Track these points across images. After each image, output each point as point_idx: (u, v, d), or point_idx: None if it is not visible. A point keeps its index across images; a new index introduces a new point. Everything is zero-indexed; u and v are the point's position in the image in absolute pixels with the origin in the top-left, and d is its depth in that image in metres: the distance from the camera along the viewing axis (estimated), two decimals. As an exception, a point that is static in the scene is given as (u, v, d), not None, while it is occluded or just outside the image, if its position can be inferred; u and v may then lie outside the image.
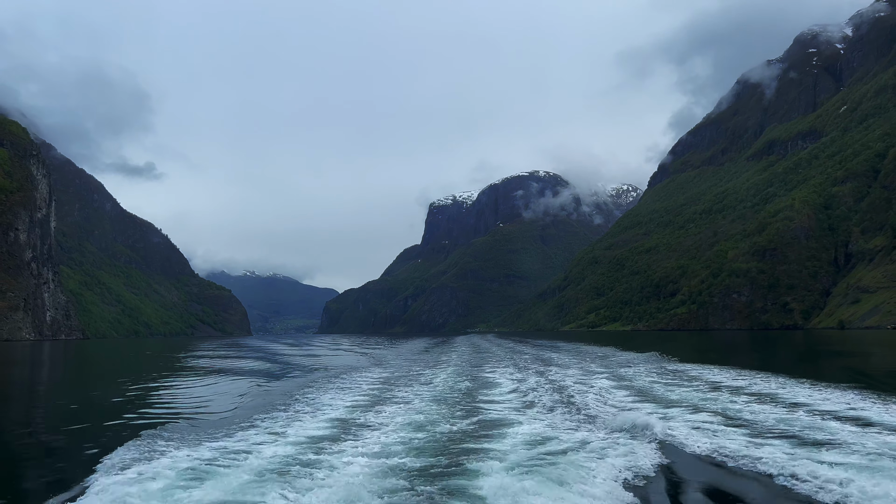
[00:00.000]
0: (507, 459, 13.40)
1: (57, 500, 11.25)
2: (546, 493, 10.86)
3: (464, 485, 11.64)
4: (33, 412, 25.78)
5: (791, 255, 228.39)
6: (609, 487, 11.33)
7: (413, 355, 60.51)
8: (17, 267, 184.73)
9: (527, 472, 12.14)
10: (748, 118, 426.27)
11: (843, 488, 11.00)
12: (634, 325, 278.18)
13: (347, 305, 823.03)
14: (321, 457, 13.86)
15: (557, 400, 23.15)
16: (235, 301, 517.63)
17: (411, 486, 11.59)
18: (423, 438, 16.07)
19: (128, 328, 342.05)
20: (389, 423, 18.52)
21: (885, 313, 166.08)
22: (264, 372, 42.32)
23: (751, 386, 26.60)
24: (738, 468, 12.69)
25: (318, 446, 15.08)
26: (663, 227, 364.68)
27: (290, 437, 16.31)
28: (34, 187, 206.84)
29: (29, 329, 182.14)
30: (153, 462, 13.23)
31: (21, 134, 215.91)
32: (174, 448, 14.72)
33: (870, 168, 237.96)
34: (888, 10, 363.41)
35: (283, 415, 20.24)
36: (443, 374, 35.90)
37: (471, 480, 11.88)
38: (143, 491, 11.14)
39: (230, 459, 13.53)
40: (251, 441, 15.65)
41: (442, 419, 19.22)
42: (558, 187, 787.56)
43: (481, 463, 13.11)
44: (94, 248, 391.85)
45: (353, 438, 16.06)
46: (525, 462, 13.07)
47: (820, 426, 16.64)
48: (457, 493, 11.10)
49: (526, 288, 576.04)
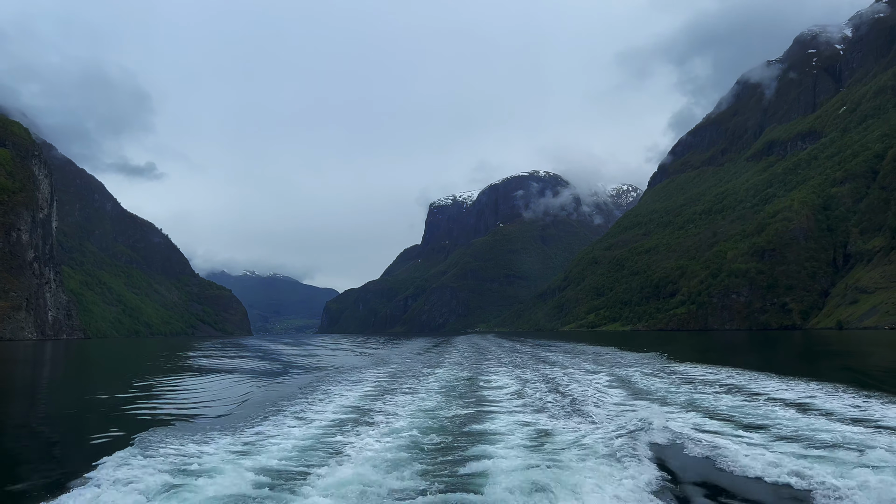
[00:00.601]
0: (508, 459, 13.42)
1: (57, 499, 11.19)
2: (547, 492, 10.85)
3: (464, 485, 11.65)
4: (35, 410, 26.02)
5: (790, 255, 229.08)
6: (610, 487, 11.31)
7: (414, 355, 60.36)
8: (20, 267, 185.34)
9: (527, 472, 12.13)
10: (748, 119, 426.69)
11: (844, 488, 10.95)
12: (634, 326, 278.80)
13: (348, 305, 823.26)
14: (321, 456, 13.89)
15: (558, 399, 23.16)
16: (236, 301, 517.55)
17: (412, 486, 11.55)
18: (425, 438, 16.08)
19: (128, 328, 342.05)
20: (391, 422, 18.52)
21: (883, 313, 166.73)
22: (265, 371, 42.42)
23: (751, 386, 26.64)
24: (739, 468, 12.64)
25: (319, 446, 15.15)
26: (663, 227, 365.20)
27: (293, 436, 16.39)
28: (36, 188, 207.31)
29: (31, 329, 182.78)
30: (156, 460, 13.30)
31: (23, 134, 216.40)
32: (178, 446, 14.79)
33: (868, 169, 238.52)
34: (888, 11, 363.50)
35: (285, 414, 20.25)
36: (444, 374, 35.99)
37: (472, 480, 11.87)
38: (146, 489, 11.22)
39: (232, 458, 13.59)
40: (254, 440, 15.74)
41: (443, 419, 19.29)
42: (558, 187, 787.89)
43: (482, 463, 13.14)
44: (95, 247, 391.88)
45: (354, 438, 16.04)
46: (525, 462, 13.07)
47: (819, 425, 16.68)
48: (457, 494, 11.03)
49: (526, 288, 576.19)
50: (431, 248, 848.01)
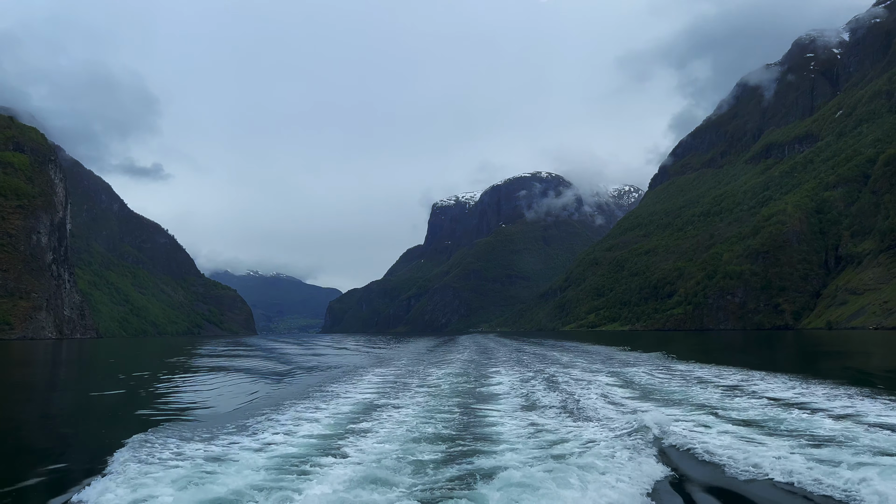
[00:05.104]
0: (509, 459, 13.46)
1: (63, 497, 11.31)
2: (548, 492, 10.82)
3: (465, 484, 11.67)
4: (51, 406, 26.74)
5: (783, 258, 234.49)
6: (612, 487, 11.29)
7: (419, 354, 60.66)
8: (40, 269, 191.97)
9: (528, 471, 12.08)
10: (747, 121, 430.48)
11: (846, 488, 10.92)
12: (633, 326, 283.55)
13: (351, 305, 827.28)
14: (323, 455, 14.07)
15: (560, 399, 23.15)
16: (240, 301, 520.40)
17: (412, 486, 11.66)
18: (426, 437, 16.16)
19: (136, 327, 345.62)
20: (393, 421, 18.65)
21: (870, 314, 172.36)
22: (272, 371, 42.61)
23: (751, 385, 26.47)
24: (742, 468, 12.57)
25: (320, 445, 15.25)
26: (663, 228, 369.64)
27: (297, 434, 16.60)
28: (53, 191, 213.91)
29: (51, 328, 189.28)
30: (161, 458, 13.55)
31: (39, 139, 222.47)
32: (183, 444, 15.05)
33: (861, 173, 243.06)
34: (885, 16, 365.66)
35: (290, 413, 20.35)
36: (448, 372, 36.36)
37: (472, 480, 11.90)
38: (151, 486, 11.46)
39: (237, 456, 13.83)
40: (260, 438, 15.94)
41: (444, 418, 19.35)
42: (560, 188, 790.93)
43: (483, 462, 13.18)
44: (102, 248, 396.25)
45: (357, 437, 16.15)
46: (528, 462, 13.06)
47: (820, 425, 16.74)
48: (458, 494, 11.06)
49: (528, 288, 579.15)
50: (434, 249, 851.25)
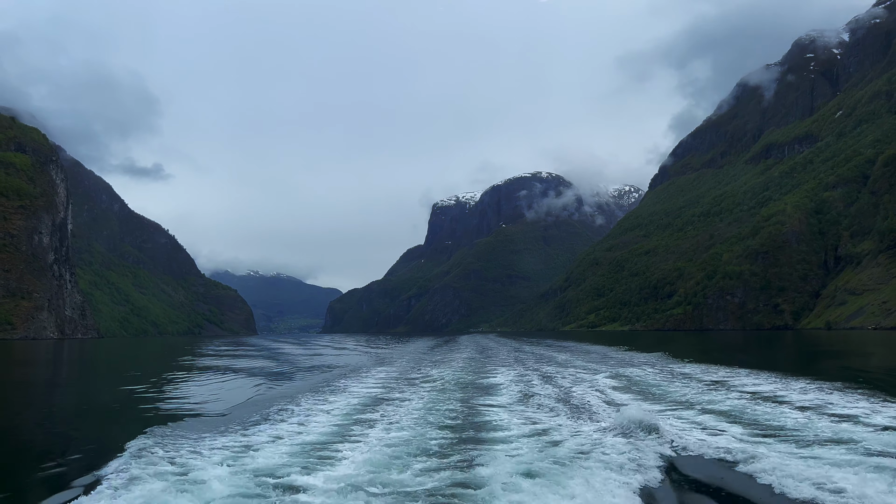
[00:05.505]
0: (510, 458, 13.45)
1: (64, 497, 11.32)
2: (549, 492, 10.83)
3: (465, 485, 11.66)
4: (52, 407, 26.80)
5: (782, 258, 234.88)
6: (612, 487, 11.29)
7: (420, 354, 60.89)
8: (42, 269, 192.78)
9: (529, 471, 12.13)
10: (747, 121, 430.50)
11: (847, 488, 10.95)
12: (632, 326, 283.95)
13: (351, 305, 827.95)
14: (323, 455, 14.15)
15: (560, 398, 23.26)
16: (241, 301, 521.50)
17: (413, 485, 11.63)
18: (426, 437, 16.20)
19: (136, 327, 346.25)
20: (393, 421, 18.73)
21: (869, 314, 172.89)
22: (272, 371, 42.83)
23: (751, 385, 26.60)
24: (742, 468, 12.63)
25: (320, 445, 15.29)
26: (663, 229, 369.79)
27: (297, 434, 16.67)
28: (54, 192, 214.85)
29: (52, 328, 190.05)
30: (161, 458, 13.54)
31: (41, 140, 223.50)
32: (183, 444, 15.10)
33: (860, 174, 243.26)
34: (885, 16, 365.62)
35: (290, 413, 20.43)
36: (448, 372, 36.41)
37: (472, 480, 11.88)
38: (150, 486, 11.41)
39: (237, 456, 13.82)
40: (259, 439, 16.00)
41: (445, 418, 19.42)
42: (561, 188, 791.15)
43: (483, 462, 13.18)
44: (103, 248, 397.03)
45: (357, 437, 16.26)
46: (528, 461, 13.05)
47: (819, 425, 16.73)
48: (458, 493, 11.07)
49: (528, 288, 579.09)
50: (434, 249, 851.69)
